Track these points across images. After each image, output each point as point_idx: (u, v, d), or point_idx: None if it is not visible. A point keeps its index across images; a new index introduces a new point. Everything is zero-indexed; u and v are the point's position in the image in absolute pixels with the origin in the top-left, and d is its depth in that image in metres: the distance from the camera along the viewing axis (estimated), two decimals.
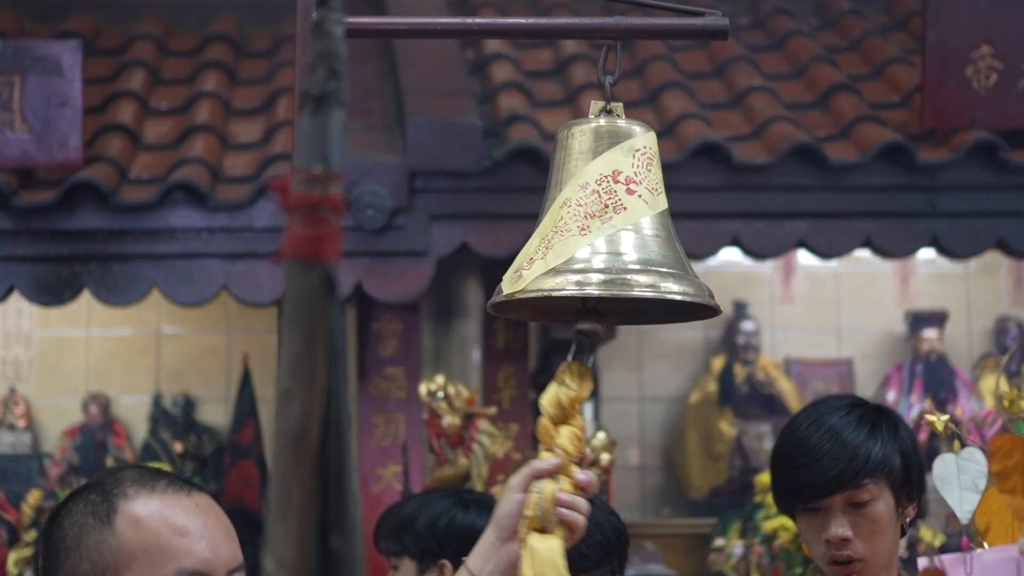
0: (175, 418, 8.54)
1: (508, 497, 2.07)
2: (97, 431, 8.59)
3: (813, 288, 9.35)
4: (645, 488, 9.03)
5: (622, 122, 2.40)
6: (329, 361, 1.19)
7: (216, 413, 8.70)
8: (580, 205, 2.27)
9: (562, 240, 2.23)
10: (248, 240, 6.17)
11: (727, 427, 8.69)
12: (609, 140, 2.35)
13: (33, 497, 7.23)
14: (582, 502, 2.03)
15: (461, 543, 3.02)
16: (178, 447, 8.40)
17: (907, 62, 7.32)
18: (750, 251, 6.46)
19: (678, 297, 2.20)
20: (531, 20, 2.77)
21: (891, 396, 8.88)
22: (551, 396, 2.10)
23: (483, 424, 5.48)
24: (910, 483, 2.59)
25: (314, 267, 1.18)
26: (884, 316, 9.36)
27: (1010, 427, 2.15)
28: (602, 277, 2.17)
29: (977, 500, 2.07)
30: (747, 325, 8.98)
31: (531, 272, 2.21)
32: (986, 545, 2.08)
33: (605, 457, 5.14)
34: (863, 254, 6.91)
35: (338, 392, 1.19)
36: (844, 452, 2.56)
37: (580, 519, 2.02)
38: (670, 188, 6.57)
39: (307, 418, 1.17)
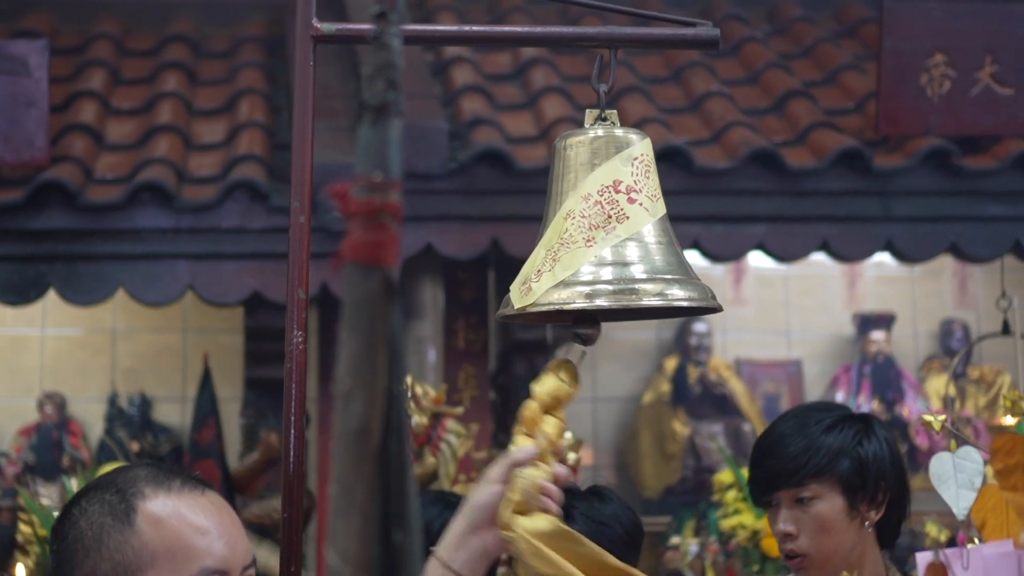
0: (131, 417, 8.51)
1: (486, 488, 2.11)
2: (53, 430, 8.55)
3: (763, 290, 9.46)
4: None
5: (619, 130, 2.47)
6: (390, 362, 1.24)
7: (172, 412, 8.70)
8: (584, 216, 2.31)
9: (569, 252, 2.27)
10: (214, 241, 6.19)
11: (680, 427, 8.78)
12: (607, 149, 2.41)
13: None
14: (557, 492, 2.10)
15: None
16: (134, 446, 8.38)
17: (859, 69, 7.45)
18: (710, 254, 6.56)
19: (684, 303, 2.28)
20: (524, 28, 2.83)
21: (840, 397, 9.01)
22: (550, 386, 2.16)
23: (450, 424, 5.54)
24: (865, 488, 2.74)
25: (374, 271, 1.24)
26: (832, 318, 9.50)
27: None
28: (610, 288, 2.22)
29: (973, 497, 2.17)
30: (699, 326, 9.08)
31: (540, 285, 2.25)
32: (978, 541, 2.17)
33: (572, 456, 5.22)
34: (812, 257, 7.02)
35: (399, 393, 1.25)
36: (791, 451, 2.73)
37: (555, 508, 2.09)
38: None
39: (369, 418, 1.22)
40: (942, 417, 2.34)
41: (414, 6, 7.82)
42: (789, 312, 9.50)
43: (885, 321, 9.23)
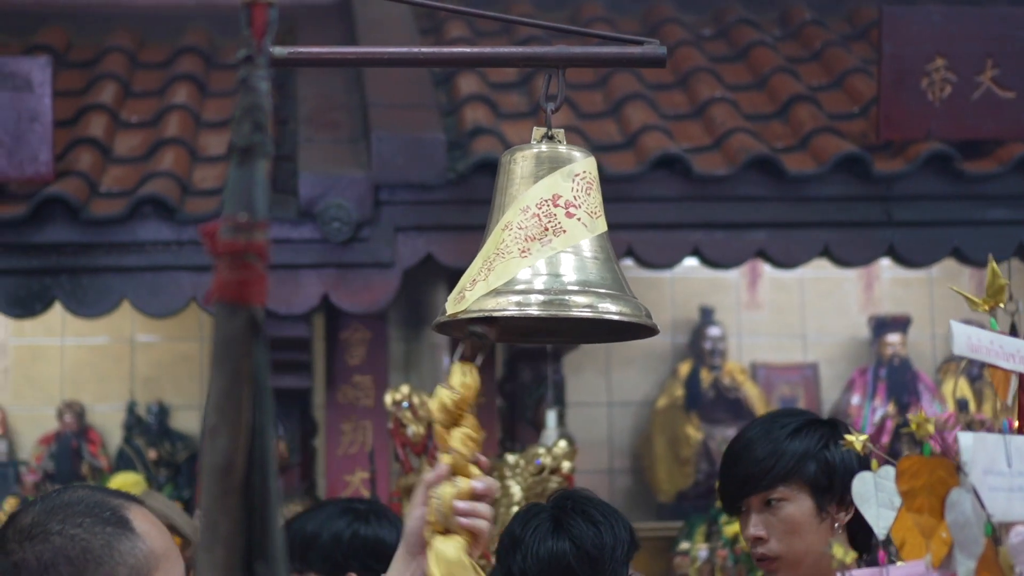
0: (149, 425, 8.60)
1: (411, 513, 2.15)
2: (72, 439, 8.65)
3: (779, 294, 9.46)
4: (614, 491, 9.12)
5: (563, 148, 2.50)
6: (254, 399, 1.28)
7: (189, 420, 8.78)
8: (521, 228, 2.35)
9: (503, 262, 2.31)
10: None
11: (693, 431, 8.79)
12: (550, 165, 2.43)
13: (9, 504, 7.32)
14: (482, 507, 2.08)
15: (366, 555, 3.15)
16: (152, 454, 8.47)
17: (867, 72, 7.44)
18: (710, 261, 6.58)
19: (615, 317, 2.29)
20: (474, 49, 2.87)
21: (855, 400, 8.99)
22: (437, 401, 2.15)
23: None
24: (832, 490, 2.76)
25: (240, 310, 1.27)
26: (848, 321, 9.47)
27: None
28: (542, 298, 2.24)
29: (893, 517, 2.18)
30: (713, 331, 9.08)
31: (473, 293, 2.29)
32: (900, 561, 2.20)
33: (566, 465, 5.25)
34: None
35: (263, 428, 1.28)
36: (758, 455, 2.75)
37: (481, 524, 2.08)
38: (632, 199, 6.69)
39: (233, 452, 1.26)
40: (863, 437, 2.35)
41: (422, 16, 7.86)
42: (805, 315, 9.49)
43: (901, 324, 9.20)
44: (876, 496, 2.23)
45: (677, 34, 7.93)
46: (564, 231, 2.35)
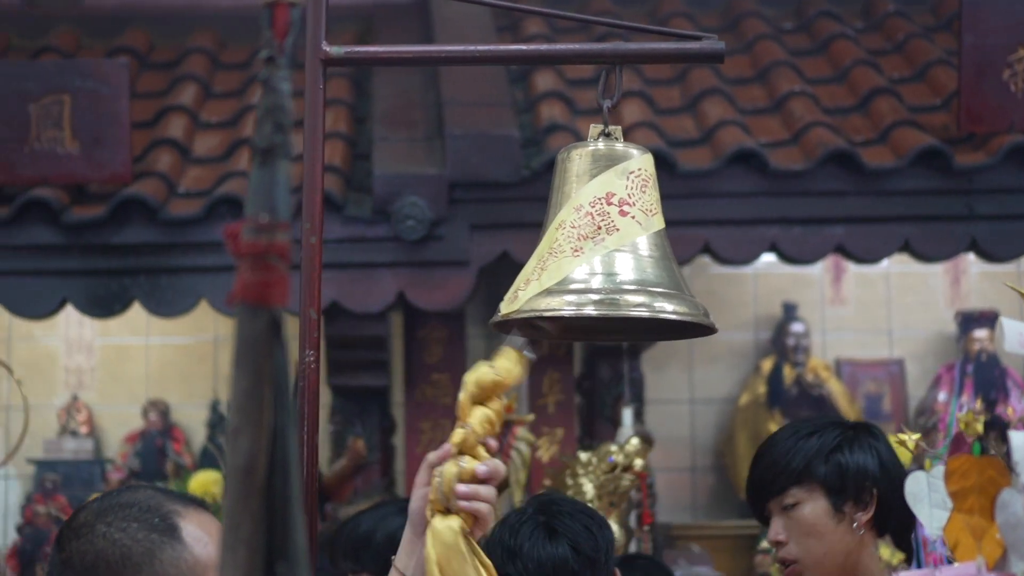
0: None
1: (415, 493, 2.12)
2: (157, 437, 8.76)
3: (863, 289, 9.36)
4: (696, 489, 9.09)
5: (619, 145, 2.47)
6: (275, 400, 1.28)
7: None
8: (574, 227, 2.33)
9: (556, 261, 2.29)
10: (292, 251, 6.28)
11: (776, 429, 8.71)
12: (606, 163, 2.40)
13: None
14: (484, 490, 2.04)
15: None
16: None
17: (949, 64, 7.31)
18: (788, 257, 6.51)
19: (672, 317, 2.25)
20: (531, 47, 2.86)
21: (942, 396, 8.87)
22: (478, 374, 2.09)
23: (521, 431, 5.57)
24: (845, 490, 2.74)
25: (262, 311, 1.27)
26: (935, 316, 9.35)
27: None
28: (596, 297, 2.22)
29: (946, 517, 2.14)
30: (796, 327, 9.00)
31: (526, 293, 2.28)
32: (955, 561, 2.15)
33: (638, 462, 5.22)
34: None
35: (284, 429, 1.28)
36: (768, 461, 2.75)
37: (483, 507, 2.04)
38: (708, 195, 6.62)
39: (255, 454, 1.25)
40: (916, 435, 2.31)
41: (500, 13, 7.85)
42: (890, 311, 9.38)
43: (989, 319, 9.06)
44: (929, 496, 2.18)
45: (757, 28, 7.86)
46: (617, 229, 2.33)
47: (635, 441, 5.30)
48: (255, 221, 1.28)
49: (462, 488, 2.02)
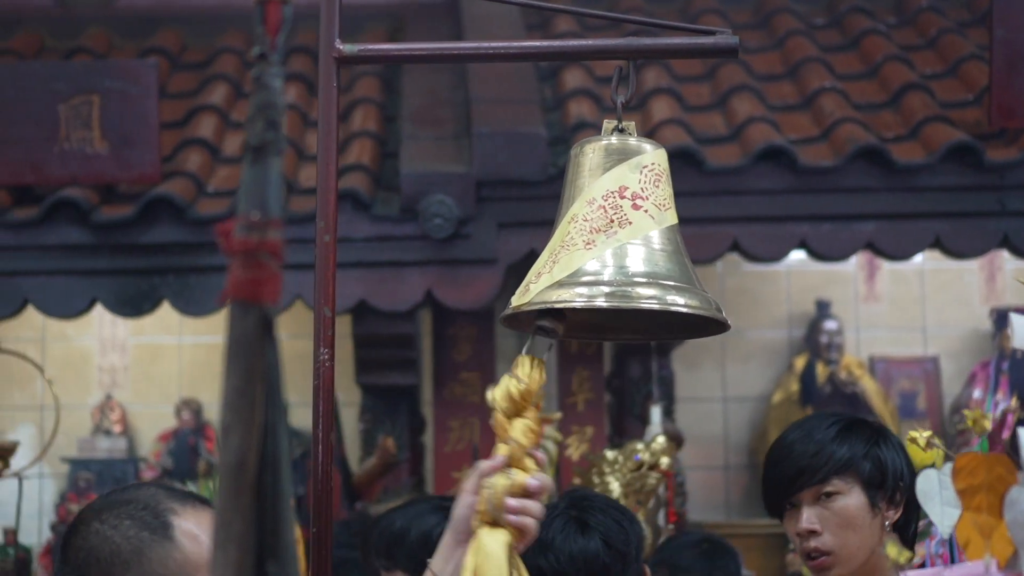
0: None
1: (461, 500, 2.10)
2: (189, 436, 8.79)
3: (897, 286, 9.30)
4: (729, 487, 9.05)
5: (633, 140, 2.45)
6: (266, 397, 1.28)
7: (304, 417, 8.82)
8: (586, 220, 2.31)
9: (567, 254, 2.27)
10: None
11: None
12: (619, 157, 2.38)
13: None
14: (533, 505, 2.03)
15: None
16: None
17: (982, 59, 7.25)
18: (817, 254, 6.48)
19: (683, 310, 2.23)
20: (545, 43, 2.84)
21: (976, 394, 8.79)
22: (502, 389, 2.09)
23: (548, 429, 5.55)
24: (884, 487, 2.72)
25: (253, 309, 1.27)
26: (970, 313, 9.28)
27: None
28: (607, 289, 2.19)
29: (958, 515, 2.12)
30: (830, 324, 8.95)
31: (538, 285, 2.26)
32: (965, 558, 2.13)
33: (664, 461, 5.20)
34: None
35: (275, 427, 1.28)
36: (810, 449, 2.72)
37: (530, 522, 2.03)
38: (737, 192, 6.59)
39: (245, 451, 1.25)
40: (927, 433, 2.29)
41: (530, 12, 7.84)
42: (925, 308, 9.31)
43: None
44: (940, 494, 2.16)
45: (789, 24, 7.82)
46: (630, 223, 2.30)
47: (661, 439, 5.28)
48: (247, 219, 1.27)
49: (512, 503, 2.01)
